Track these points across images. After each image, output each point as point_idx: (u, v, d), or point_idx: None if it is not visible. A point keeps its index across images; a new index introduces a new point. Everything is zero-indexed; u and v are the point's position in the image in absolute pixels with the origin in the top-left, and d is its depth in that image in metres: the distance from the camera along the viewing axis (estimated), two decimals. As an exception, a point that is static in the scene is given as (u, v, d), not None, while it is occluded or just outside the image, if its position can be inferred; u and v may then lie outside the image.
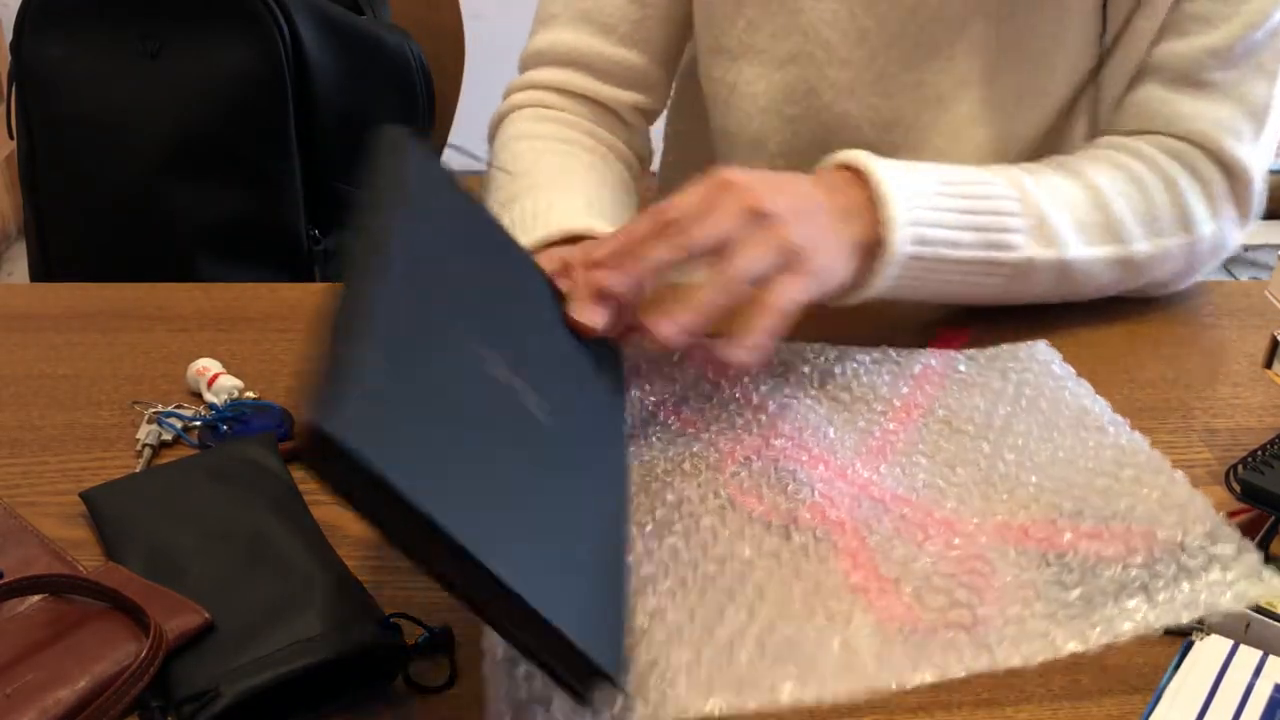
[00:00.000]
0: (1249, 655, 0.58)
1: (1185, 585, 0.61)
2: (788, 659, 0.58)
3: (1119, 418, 0.75)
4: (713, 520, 0.66)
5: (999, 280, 0.83)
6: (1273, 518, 0.67)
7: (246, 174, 1.23)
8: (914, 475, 0.71)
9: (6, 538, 0.65)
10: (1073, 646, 0.59)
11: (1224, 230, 0.91)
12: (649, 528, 0.66)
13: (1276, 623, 0.60)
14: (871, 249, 0.78)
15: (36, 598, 0.60)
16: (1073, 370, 0.80)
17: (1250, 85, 0.89)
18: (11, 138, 1.29)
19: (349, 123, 1.26)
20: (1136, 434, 0.73)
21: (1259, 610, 0.61)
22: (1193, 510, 0.65)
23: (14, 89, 1.25)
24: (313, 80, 1.21)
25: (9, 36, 1.24)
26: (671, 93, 1.10)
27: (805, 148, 0.99)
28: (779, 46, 0.95)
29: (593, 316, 0.67)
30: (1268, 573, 0.61)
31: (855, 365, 0.81)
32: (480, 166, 0.94)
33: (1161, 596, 0.61)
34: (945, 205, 0.80)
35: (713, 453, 0.72)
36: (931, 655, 0.59)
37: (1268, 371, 0.76)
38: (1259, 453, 0.73)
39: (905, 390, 0.79)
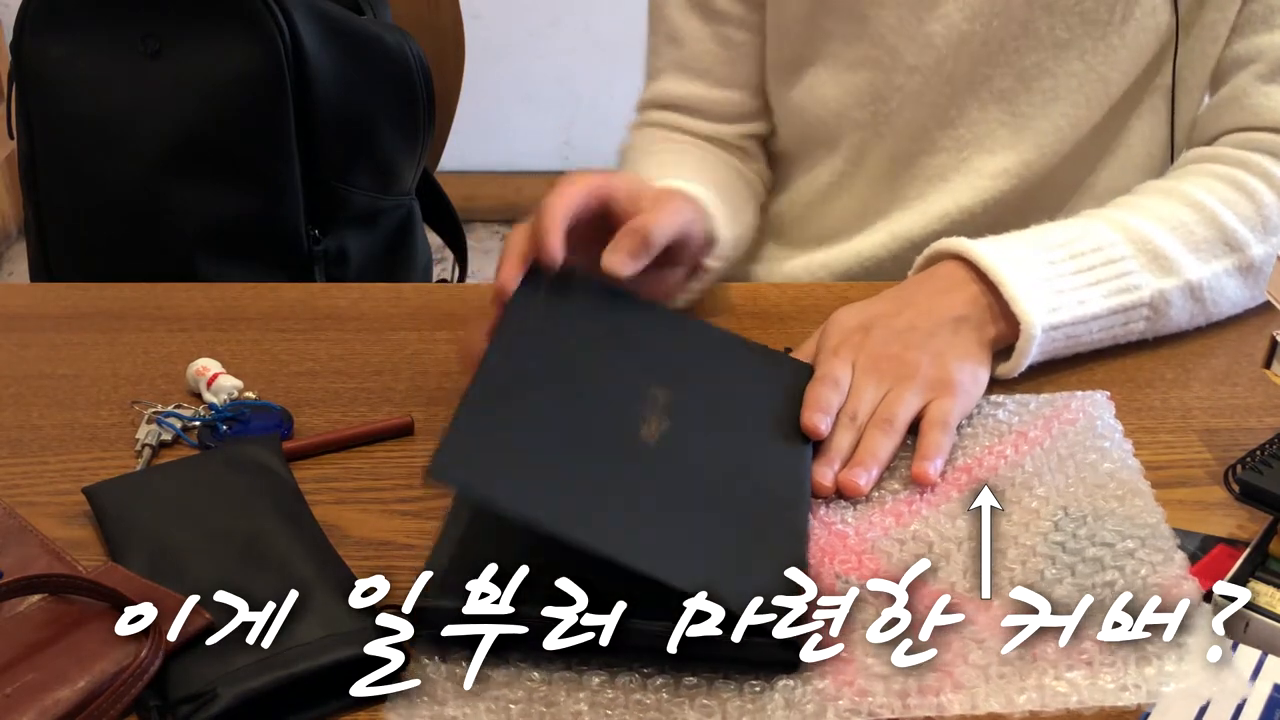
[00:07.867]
0: (1249, 655, 0.58)
1: (1133, 669, 0.57)
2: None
3: (1146, 485, 0.70)
4: None
5: (1140, 324, 0.84)
6: (1272, 518, 0.67)
7: (246, 174, 1.22)
8: (907, 524, 0.68)
9: (6, 538, 0.65)
10: (992, 707, 0.56)
11: None
12: None
13: (1276, 623, 0.60)
14: (1007, 335, 0.79)
15: (36, 598, 0.60)
16: (1120, 427, 0.76)
17: None
18: (12, 138, 1.28)
19: (349, 123, 1.26)
20: (1158, 507, 0.68)
21: (1259, 610, 0.60)
22: (1177, 592, 0.61)
23: (14, 89, 1.25)
24: (313, 80, 1.21)
25: (9, 36, 1.24)
26: None
27: (873, 152, 1.00)
28: (849, 51, 0.97)
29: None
30: (1225, 670, 0.57)
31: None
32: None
33: (1105, 676, 0.57)
34: (1059, 271, 0.81)
35: None
36: (840, 696, 0.56)
37: (1268, 371, 0.76)
38: (1258, 452, 0.73)
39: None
